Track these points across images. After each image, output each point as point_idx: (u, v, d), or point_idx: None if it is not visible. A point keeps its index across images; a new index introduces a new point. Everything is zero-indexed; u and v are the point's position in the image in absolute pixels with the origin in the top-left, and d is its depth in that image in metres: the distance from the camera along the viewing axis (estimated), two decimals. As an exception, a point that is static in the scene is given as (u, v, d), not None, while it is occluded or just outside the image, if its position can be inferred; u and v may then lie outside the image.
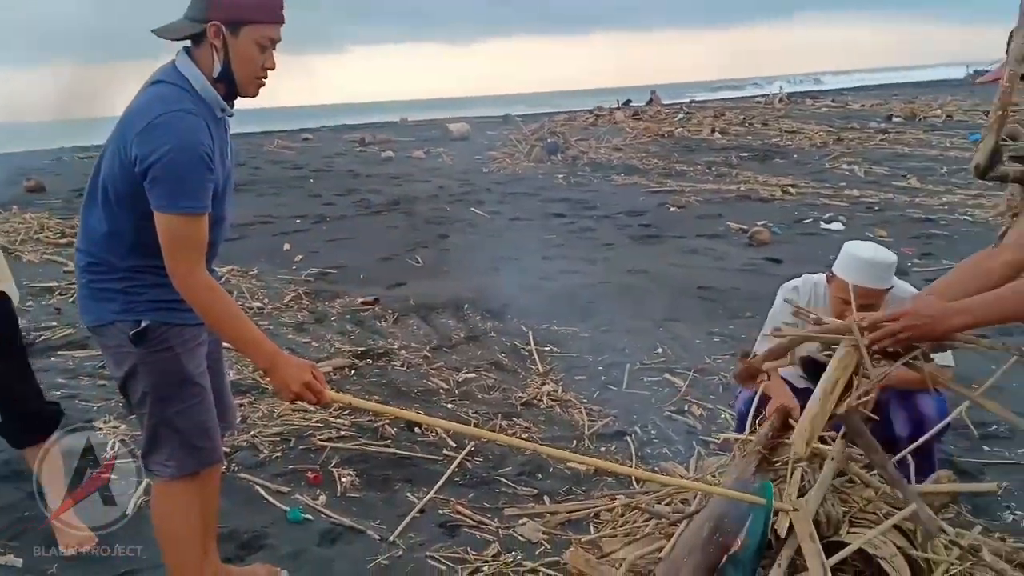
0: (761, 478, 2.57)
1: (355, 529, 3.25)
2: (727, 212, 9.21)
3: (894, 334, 2.23)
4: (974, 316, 2.19)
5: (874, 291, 3.08)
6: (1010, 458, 3.77)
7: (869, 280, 3.08)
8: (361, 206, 10.47)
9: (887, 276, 3.13)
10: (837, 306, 3.14)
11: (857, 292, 3.02)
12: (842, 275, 3.12)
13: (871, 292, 3.07)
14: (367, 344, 5.44)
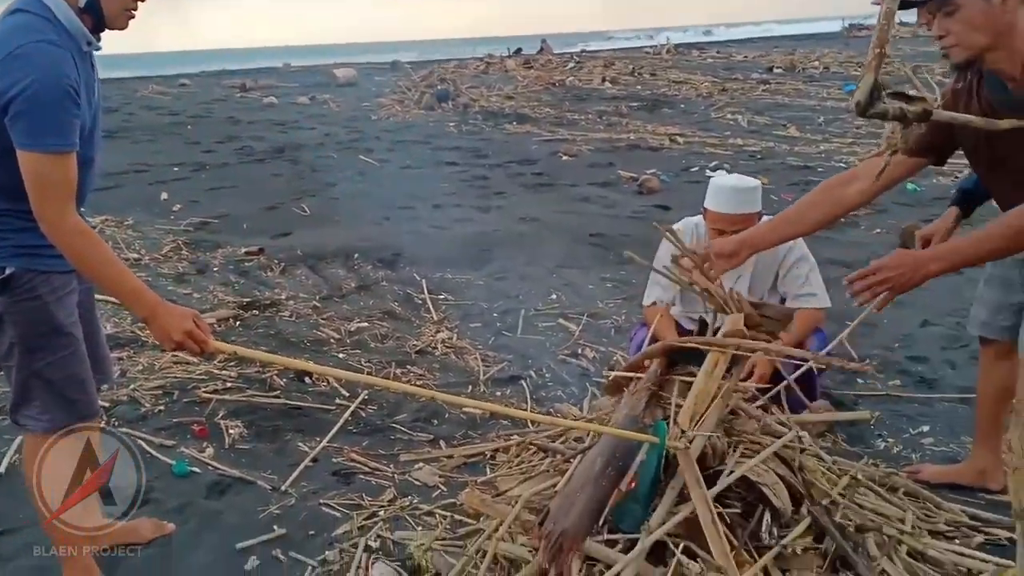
0: (651, 413, 2.63)
1: (244, 480, 3.17)
2: (618, 161, 9.31)
3: (872, 286, 2.36)
4: (950, 262, 2.34)
5: (742, 216, 3.27)
6: (881, 390, 3.98)
7: (736, 206, 3.30)
8: (243, 154, 10.09)
9: (752, 199, 3.34)
10: (712, 237, 3.33)
11: (728, 219, 3.20)
12: (712, 207, 3.35)
13: (739, 217, 3.26)
14: (252, 295, 5.27)
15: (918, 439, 3.54)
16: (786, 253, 3.42)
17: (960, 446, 3.47)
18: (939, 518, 2.89)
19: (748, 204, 3.33)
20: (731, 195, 3.33)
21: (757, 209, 3.36)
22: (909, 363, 4.29)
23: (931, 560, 2.61)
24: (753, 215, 3.34)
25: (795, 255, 3.45)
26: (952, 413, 3.76)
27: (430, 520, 2.92)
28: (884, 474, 3.08)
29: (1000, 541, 2.80)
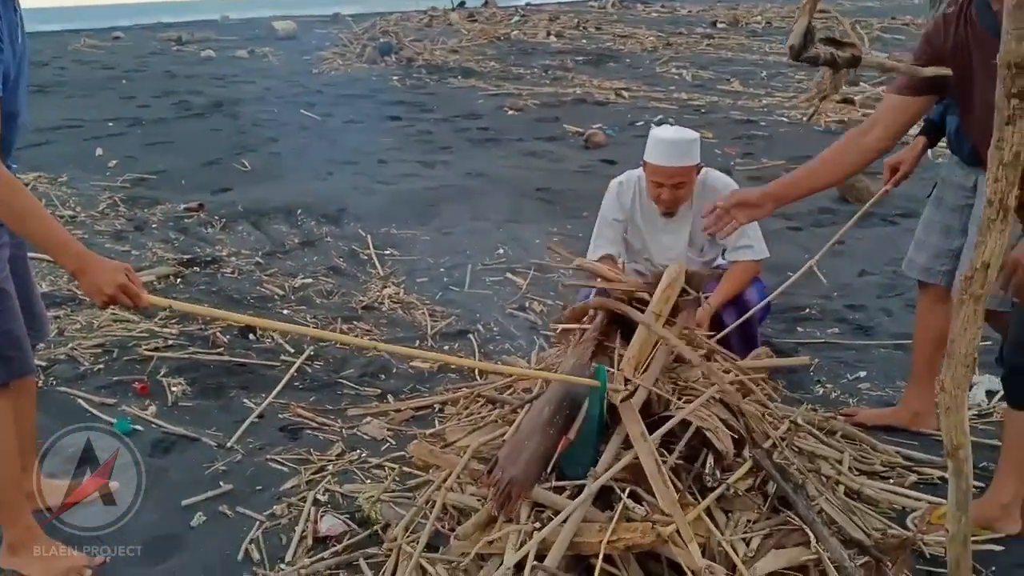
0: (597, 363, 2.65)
1: (189, 438, 3.13)
2: (564, 115, 9.26)
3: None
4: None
5: (680, 168, 3.32)
6: (820, 337, 4.08)
7: (673, 158, 3.33)
8: (180, 108, 9.79)
9: (690, 152, 3.36)
10: (652, 189, 3.39)
11: (666, 172, 3.23)
12: (651, 160, 3.38)
13: (677, 170, 3.31)
14: (193, 252, 5.17)
15: (855, 384, 3.64)
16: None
17: (895, 391, 3.58)
18: (875, 459, 2.99)
19: (686, 157, 3.35)
20: (669, 148, 3.35)
21: (695, 162, 3.39)
22: (847, 311, 4.40)
23: (867, 499, 2.71)
24: (691, 168, 3.37)
25: None
26: (888, 359, 3.87)
27: (379, 473, 2.93)
28: (823, 418, 3.17)
29: (932, 480, 2.91)
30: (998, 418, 3.35)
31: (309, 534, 2.59)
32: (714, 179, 3.53)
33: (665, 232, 3.56)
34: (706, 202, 3.44)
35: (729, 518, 2.34)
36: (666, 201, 3.42)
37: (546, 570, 2.14)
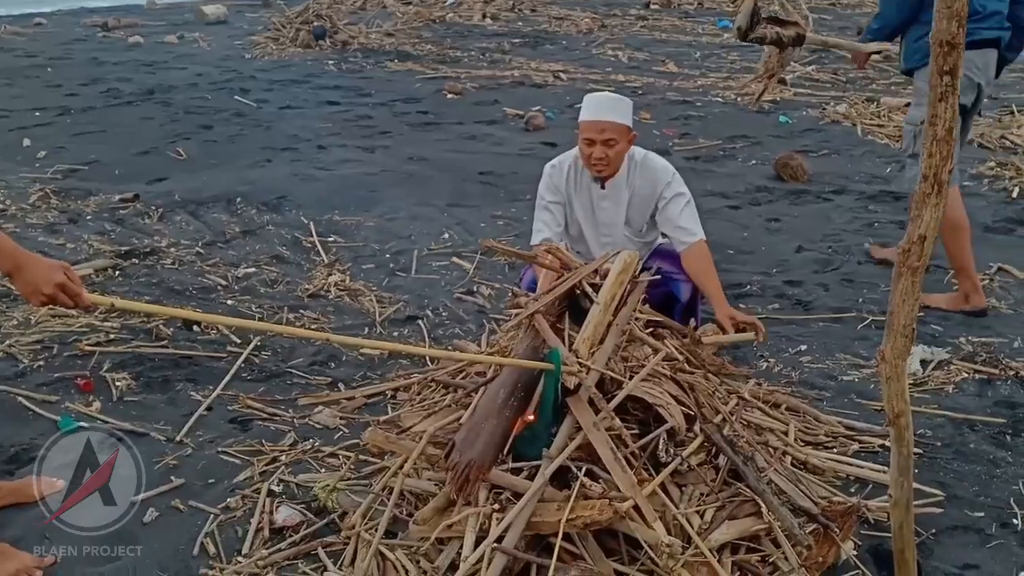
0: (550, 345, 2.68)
1: (136, 433, 3.07)
2: (503, 98, 9.24)
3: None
4: None
5: (611, 124, 3.34)
6: (761, 313, 4.17)
7: (601, 112, 3.35)
8: (109, 96, 9.48)
9: (618, 107, 3.39)
10: (584, 151, 3.41)
11: (597, 126, 3.28)
12: (582, 118, 3.40)
13: (607, 125, 3.33)
14: (130, 243, 5.04)
15: (797, 358, 3.75)
16: (664, 188, 3.49)
17: (834, 362, 3.70)
18: (818, 430, 3.09)
19: (615, 112, 3.35)
20: (598, 102, 3.39)
21: (626, 121, 3.37)
22: (786, 287, 4.51)
23: (813, 468, 2.80)
24: (622, 127, 3.35)
25: (672, 190, 3.50)
26: (826, 332, 3.99)
27: (333, 462, 2.93)
28: (767, 392, 3.26)
29: (873, 448, 3.03)
30: (933, 387, 3.49)
31: (265, 525, 2.57)
32: (652, 160, 3.56)
33: (601, 209, 3.55)
34: (643, 182, 3.49)
35: (683, 492, 2.40)
36: (598, 160, 3.37)
37: (505, 550, 2.17)
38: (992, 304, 4.23)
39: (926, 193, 2.07)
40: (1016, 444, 3.11)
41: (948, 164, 2.04)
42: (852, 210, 5.68)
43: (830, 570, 2.42)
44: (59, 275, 2.02)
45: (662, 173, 3.51)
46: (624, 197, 3.53)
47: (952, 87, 1.92)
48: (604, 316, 2.56)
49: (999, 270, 4.64)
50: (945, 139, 2.01)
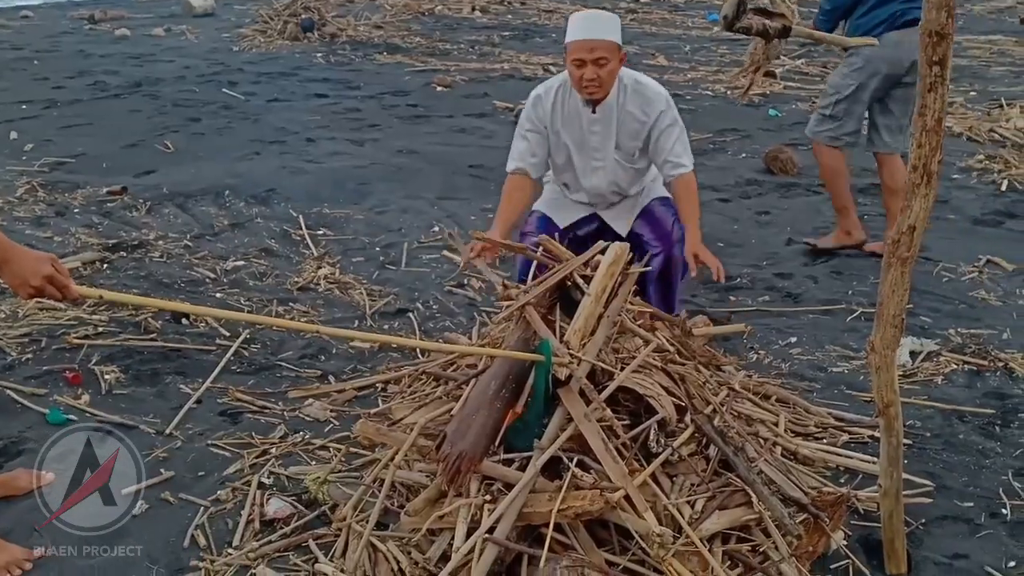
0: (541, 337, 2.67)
1: (126, 425, 3.06)
2: (493, 91, 9.22)
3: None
4: None
5: (601, 42, 3.27)
6: (752, 305, 4.19)
7: (590, 31, 3.28)
8: (97, 89, 9.42)
9: (608, 26, 3.33)
10: (575, 73, 3.34)
11: (587, 45, 3.24)
12: (570, 38, 3.33)
13: (598, 43, 3.26)
14: (118, 236, 5.01)
15: (787, 350, 3.76)
16: (658, 117, 3.43)
17: (824, 354, 3.71)
18: (808, 421, 3.10)
19: (605, 31, 3.27)
20: (587, 21, 3.31)
21: (615, 39, 3.29)
22: (776, 279, 4.52)
23: (803, 459, 2.81)
24: (613, 44, 3.27)
25: (666, 120, 3.45)
26: (816, 324, 4.01)
27: (324, 455, 2.92)
28: (757, 383, 3.26)
29: (863, 439, 3.04)
30: (922, 378, 3.51)
31: (256, 517, 2.57)
32: (645, 85, 3.47)
33: (592, 134, 3.48)
34: (635, 108, 3.44)
35: (674, 482, 2.40)
36: (589, 81, 3.29)
37: (496, 541, 2.17)
38: (981, 296, 4.25)
39: (915, 183, 2.08)
40: (1005, 435, 3.12)
41: (937, 154, 2.05)
42: (841, 203, 5.69)
43: (820, 560, 2.43)
44: (47, 267, 2.00)
45: (656, 100, 3.45)
46: (614, 121, 3.45)
47: (942, 77, 1.93)
48: (595, 308, 2.56)
49: (988, 262, 4.66)
50: (935, 129, 2.01)
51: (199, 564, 2.40)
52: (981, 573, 2.45)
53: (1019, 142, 6.92)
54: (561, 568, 2.09)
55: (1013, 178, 6.06)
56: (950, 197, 5.73)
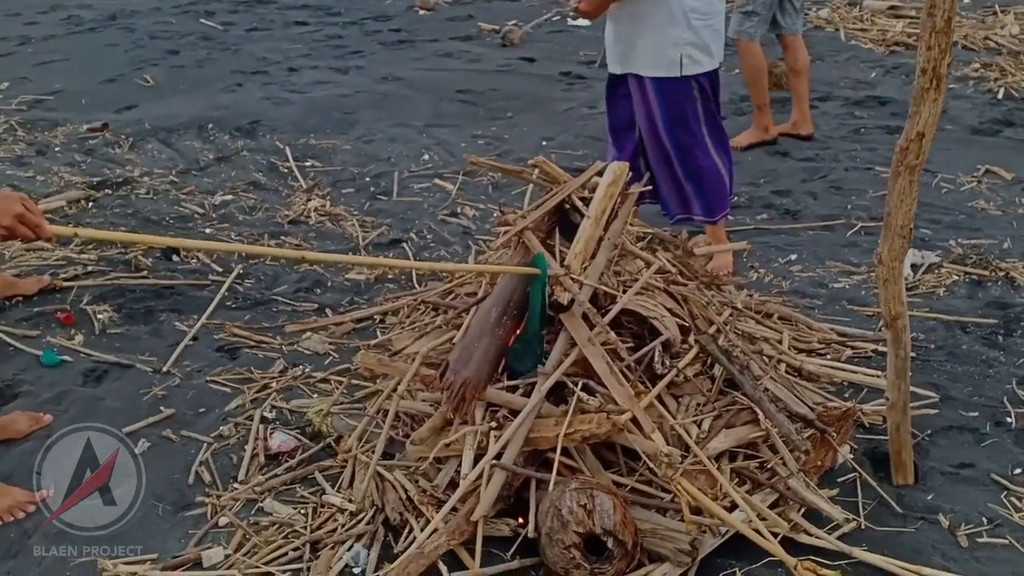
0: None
1: (122, 364, 3.03)
2: (477, 12, 8.97)
3: None
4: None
5: None
6: (750, 224, 4.13)
7: None
8: (71, 23, 9.14)
9: None
10: None
11: None
12: None
13: None
14: (102, 174, 4.89)
15: (787, 267, 3.72)
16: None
17: (825, 271, 3.68)
18: (811, 338, 3.08)
19: None
20: None
21: None
22: (773, 197, 4.46)
23: (808, 375, 2.80)
24: None
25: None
26: (816, 240, 3.96)
27: (325, 388, 2.90)
28: (759, 302, 3.23)
29: (866, 354, 3.03)
30: (924, 290, 3.48)
31: (260, 452, 2.56)
32: None
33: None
34: None
35: (679, 403, 2.39)
36: None
37: (504, 466, 2.16)
38: (981, 206, 4.21)
39: (924, 88, 2.01)
40: (1008, 344, 3.11)
41: (947, 56, 1.98)
42: (838, 116, 5.60)
43: (828, 474, 2.44)
44: (16, 206, 1.90)
45: None
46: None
47: (955, -25, 1.84)
48: (595, 230, 2.50)
49: (987, 172, 4.60)
50: (944, 30, 1.94)
51: (205, 500, 2.39)
52: (987, 480, 2.46)
53: (1015, 49, 6.78)
54: (570, 491, 2.08)
55: (1010, 86, 5.96)
56: (947, 107, 5.60)
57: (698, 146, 3.44)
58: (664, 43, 3.31)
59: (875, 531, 2.28)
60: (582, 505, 2.04)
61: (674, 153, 3.45)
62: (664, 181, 3.55)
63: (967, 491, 2.42)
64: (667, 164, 3.49)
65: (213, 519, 2.32)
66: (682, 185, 3.53)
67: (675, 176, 3.52)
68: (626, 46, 3.41)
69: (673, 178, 3.53)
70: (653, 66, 3.35)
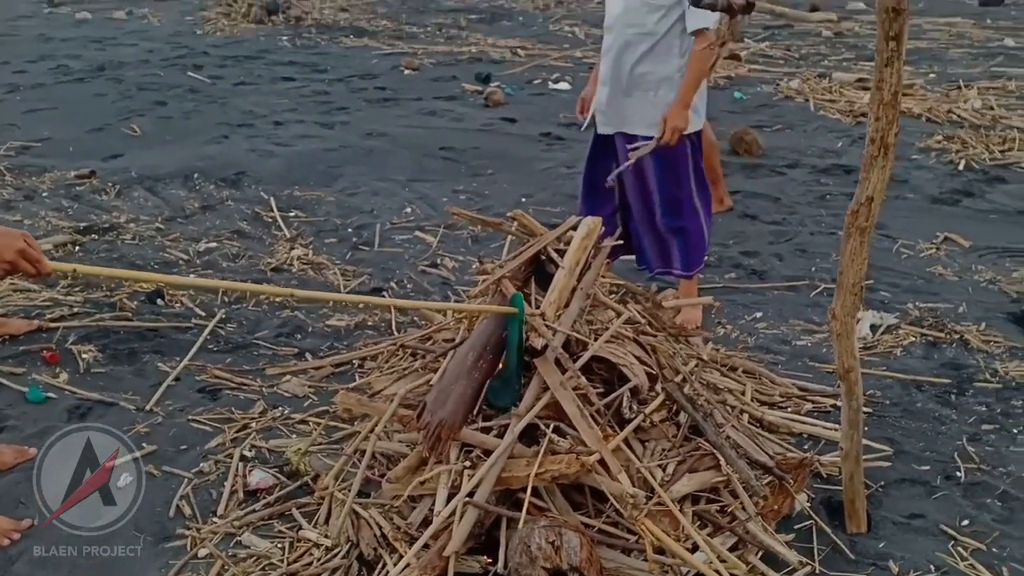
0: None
1: (105, 402, 3.10)
2: (461, 74, 9.25)
3: None
4: None
5: None
6: (719, 282, 4.29)
7: None
8: (60, 73, 9.31)
9: None
10: None
11: None
12: None
13: None
14: (89, 219, 5.00)
15: (753, 324, 3.87)
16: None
17: (788, 328, 3.83)
18: (774, 391, 3.21)
19: None
20: None
21: None
22: (742, 257, 4.63)
23: (768, 425, 2.92)
24: None
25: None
26: (781, 299, 4.12)
27: (304, 428, 2.98)
28: (725, 356, 3.37)
29: (825, 408, 3.16)
30: (882, 350, 3.64)
31: (239, 488, 2.62)
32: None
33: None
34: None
35: (645, 447, 2.50)
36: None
37: (477, 504, 2.25)
38: (939, 272, 4.40)
39: (873, 156, 2.17)
40: (960, 403, 3.26)
41: (894, 127, 2.15)
42: (805, 183, 5.83)
43: (785, 520, 2.54)
44: (19, 242, 2.01)
45: None
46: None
47: (898, 52, 2.02)
48: (569, 280, 2.64)
49: (946, 239, 4.81)
50: (891, 103, 2.11)
51: (185, 532, 2.45)
52: (936, 531, 2.57)
53: (976, 123, 7.11)
54: (539, 528, 2.17)
55: (970, 158, 6.24)
56: (909, 176, 5.89)
57: (686, 202, 3.65)
58: (660, 105, 3.55)
59: (828, 575, 2.38)
60: (550, 542, 2.13)
61: (661, 209, 3.64)
62: (647, 236, 3.74)
63: (917, 540, 2.53)
64: (651, 220, 3.68)
65: (193, 551, 2.38)
66: (664, 240, 3.72)
67: (658, 231, 3.71)
68: (621, 108, 3.64)
69: (656, 233, 3.72)
70: (650, 125, 3.58)
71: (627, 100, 3.60)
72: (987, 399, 3.26)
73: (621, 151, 3.66)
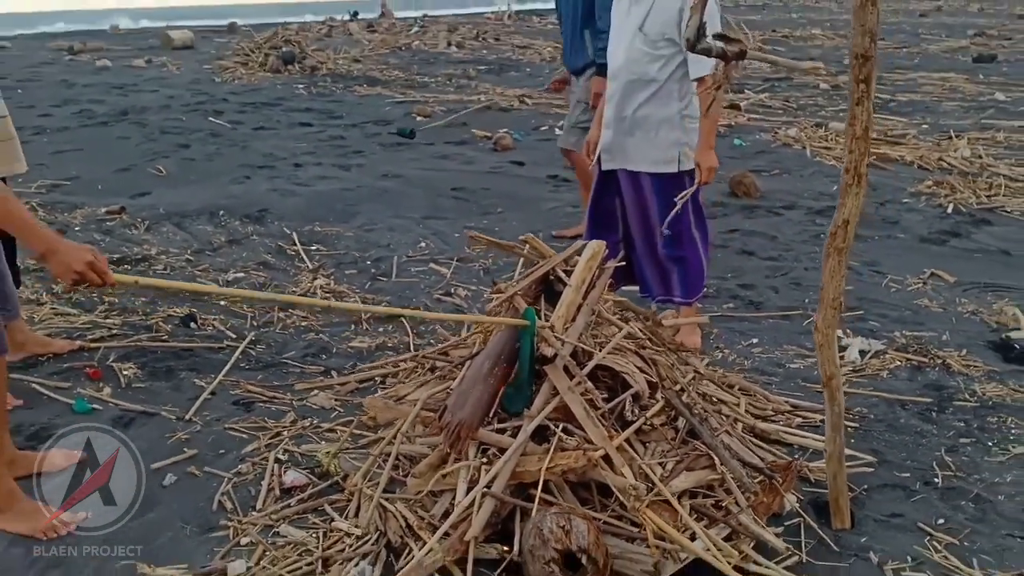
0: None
1: (147, 413, 3.35)
2: (471, 121, 9.64)
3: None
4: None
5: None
6: (718, 311, 4.54)
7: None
8: (84, 117, 9.73)
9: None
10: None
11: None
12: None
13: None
14: (121, 252, 5.29)
15: (749, 349, 4.12)
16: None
17: (782, 353, 4.07)
18: (767, 406, 3.45)
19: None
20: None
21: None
22: (739, 289, 4.90)
23: (760, 434, 3.16)
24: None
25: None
26: (776, 327, 4.38)
27: (332, 436, 3.22)
28: (722, 375, 3.62)
29: (815, 423, 3.39)
30: (870, 372, 3.88)
31: (275, 486, 2.86)
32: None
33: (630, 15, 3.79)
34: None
35: (646, 448, 2.74)
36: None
37: (493, 495, 2.49)
38: (925, 304, 4.66)
39: (848, 184, 2.45)
40: (941, 419, 3.49)
41: (866, 159, 2.43)
42: (800, 223, 6.12)
43: (776, 517, 2.77)
44: (88, 255, 2.29)
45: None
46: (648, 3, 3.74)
47: (867, 94, 2.31)
48: (576, 297, 2.91)
49: (932, 275, 5.08)
50: (863, 137, 2.40)
51: (227, 524, 2.69)
52: (914, 528, 2.80)
53: (965, 170, 7.43)
54: (550, 515, 2.41)
55: (958, 202, 6.54)
56: (900, 218, 6.18)
57: (686, 233, 3.92)
58: (663, 144, 3.86)
59: (815, 565, 2.60)
60: (561, 526, 2.36)
61: (663, 240, 3.92)
62: (649, 266, 4.03)
63: (896, 536, 2.76)
64: (653, 250, 3.96)
65: (235, 539, 2.61)
66: (665, 269, 3.99)
67: (659, 261, 3.99)
68: (623, 147, 3.95)
69: (658, 263, 4.00)
70: (653, 163, 3.89)
71: (629, 140, 3.90)
72: (965, 416, 3.49)
73: (624, 186, 3.95)
